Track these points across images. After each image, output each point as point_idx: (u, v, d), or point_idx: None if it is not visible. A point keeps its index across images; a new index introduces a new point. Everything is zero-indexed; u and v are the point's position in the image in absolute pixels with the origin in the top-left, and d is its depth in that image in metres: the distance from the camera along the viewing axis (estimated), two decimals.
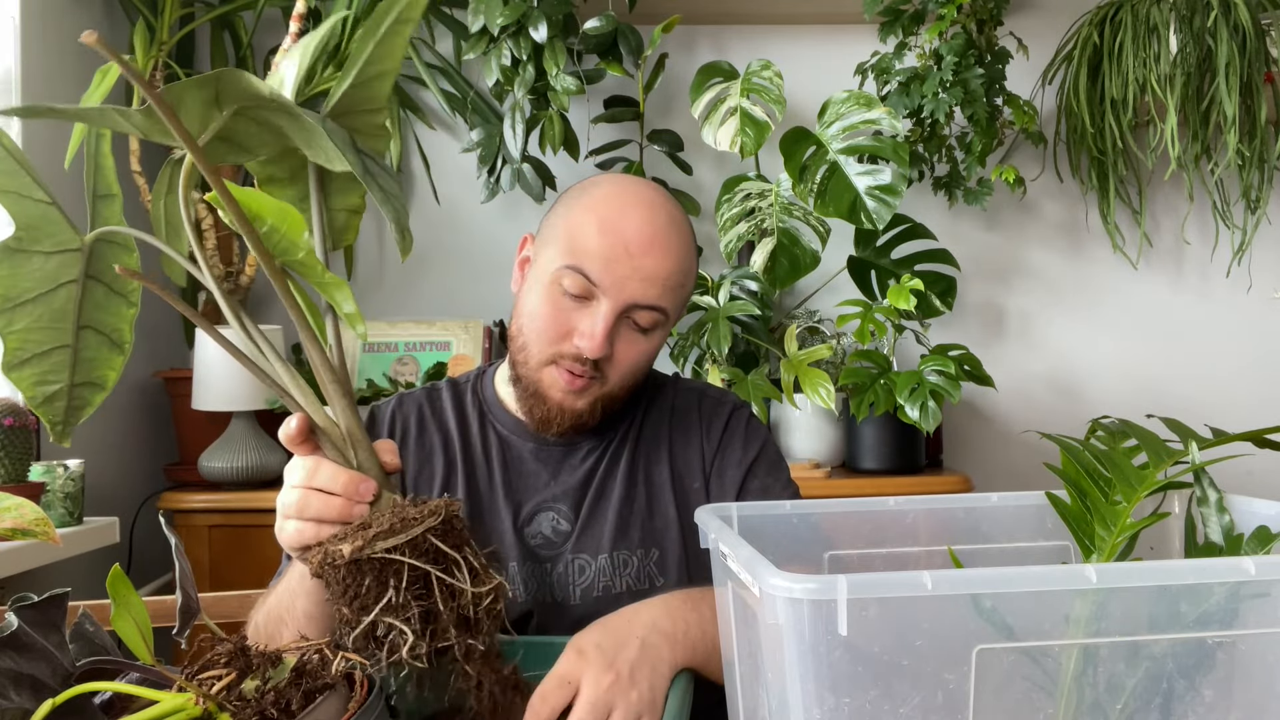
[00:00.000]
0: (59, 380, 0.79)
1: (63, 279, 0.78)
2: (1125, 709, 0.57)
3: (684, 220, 1.09)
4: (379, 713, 0.63)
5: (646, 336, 1.06)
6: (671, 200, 1.10)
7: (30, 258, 0.76)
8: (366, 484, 0.78)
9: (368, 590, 0.72)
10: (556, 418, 1.08)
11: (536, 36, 2.09)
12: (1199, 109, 2.18)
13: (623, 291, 1.02)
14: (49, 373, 0.79)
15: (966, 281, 2.44)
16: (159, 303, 2.33)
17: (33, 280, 0.77)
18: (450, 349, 2.31)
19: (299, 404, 0.79)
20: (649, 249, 1.02)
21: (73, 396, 0.81)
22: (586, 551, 1.11)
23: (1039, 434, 0.84)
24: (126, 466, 2.18)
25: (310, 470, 0.79)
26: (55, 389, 0.79)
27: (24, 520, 0.63)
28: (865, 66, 2.30)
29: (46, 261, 0.77)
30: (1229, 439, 0.74)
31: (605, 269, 1.01)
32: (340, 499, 0.77)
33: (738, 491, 1.14)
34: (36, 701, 0.55)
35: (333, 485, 0.78)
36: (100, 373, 0.82)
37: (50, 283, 0.77)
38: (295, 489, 0.79)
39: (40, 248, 0.76)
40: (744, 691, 0.71)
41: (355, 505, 0.77)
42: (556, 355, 1.05)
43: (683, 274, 1.06)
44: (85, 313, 0.80)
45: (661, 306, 1.04)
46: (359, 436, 0.81)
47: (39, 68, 1.88)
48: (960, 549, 0.79)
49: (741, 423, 1.19)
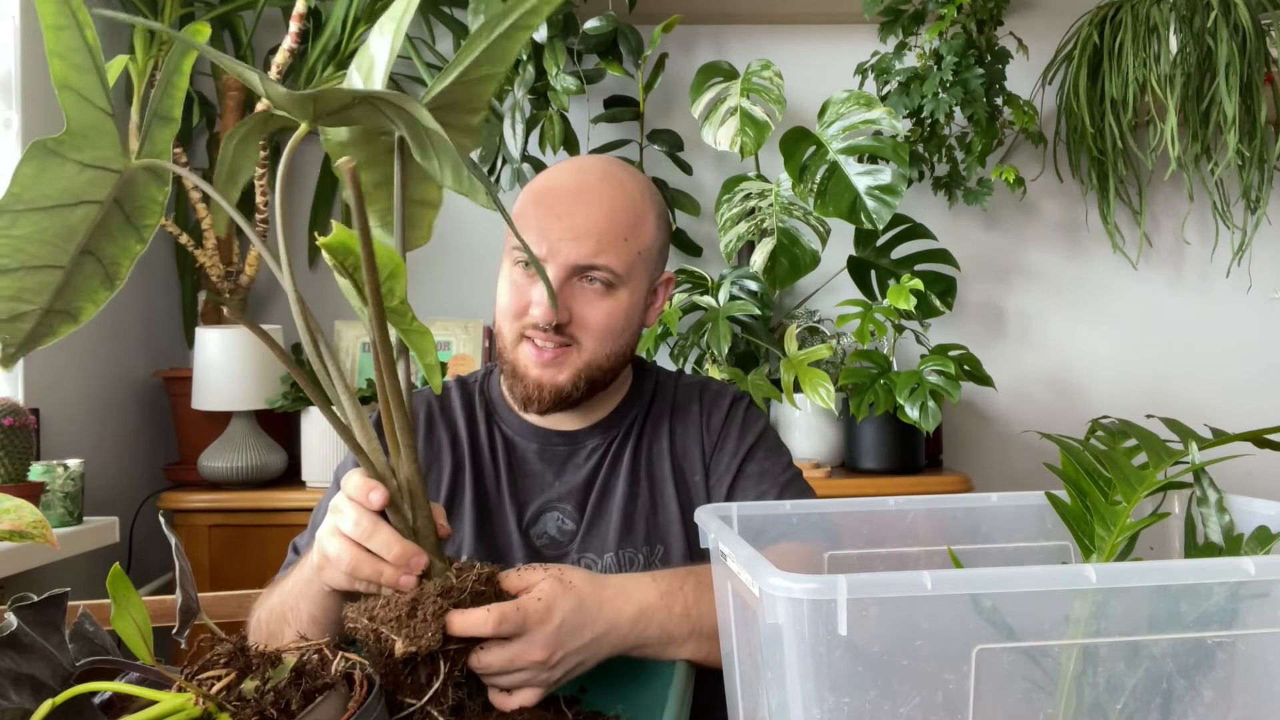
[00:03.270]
0: (35, 302, 0.72)
1: (87, 196, 0.71)
2: (1125, 709, 0.57)
3: (626, 179, 1.09)
4: (379, 713, 0.63)
5: (607, 295, 1.07)
6: (614, 163, 1.10)
7: (64, 164, 0.69)
8: (419, 559, 0.77)
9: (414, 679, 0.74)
10: (536, 393, 1.08)
11: (536, 36, 2.09)
12: (1199, 109, 2.18)
13: (559, 253, 1.04)
14: (27, 291, 0.71)
15: (966, 281, 2.44)
16: (159, 302, 2.34)
17: (55, 188, 0.69)
18: (450, 349, 2.31)
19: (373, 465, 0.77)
20: (576, 206, 1.04)
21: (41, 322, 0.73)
22: (592, 550, 1.11)
23: (1039, 434, 0.84)
24: (126, 466, 2.18)
25: (366, 530, 0.78)
26: (27, 309, 0.71)
27: (22, 522, 0.63)
28: (865, 66, 2.30)
29: (80, 173, 0.70)
30: (1229, 439, 0.74)
31: (541, 236, 1.04)
32: (391, 569, 0.77)
33: (734, 476, 1.14)
34: (36, 701, 0.55)
35: (386, 553, 0.77)
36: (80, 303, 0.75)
37: (73, 197, 0.70)
38: (346, 543, 0.78)
39: (80, 156, 0.70)
40: (744, 691, 0.71)
41: (404, 577, 0.77)
42: (522, 330, 1.07)
43: (623, 226, 1.06)
44: (93, 238, 0.73)
45: (605, 263, 1.04)
46: (420, 496, 0.79)
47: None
48: (960, 549, 0.79)
49: (740, 411, 1.19)
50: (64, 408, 1.95)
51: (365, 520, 0.78)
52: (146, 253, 0.80)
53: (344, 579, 0.80)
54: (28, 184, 0.68)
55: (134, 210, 0.74)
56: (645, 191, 1.10)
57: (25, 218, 0.69)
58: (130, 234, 0.75)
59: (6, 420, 1.58)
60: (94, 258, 0.74)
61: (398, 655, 0.72)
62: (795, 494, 1.12)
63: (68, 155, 0.69)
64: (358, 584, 0.79)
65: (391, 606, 0.75)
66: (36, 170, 0.68)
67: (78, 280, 0.73)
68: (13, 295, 0.71)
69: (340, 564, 0.79)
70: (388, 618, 0.74)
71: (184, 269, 2.36)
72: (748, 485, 1.13)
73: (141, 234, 0.76)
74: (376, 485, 0.78)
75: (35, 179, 0.68)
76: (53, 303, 0.72)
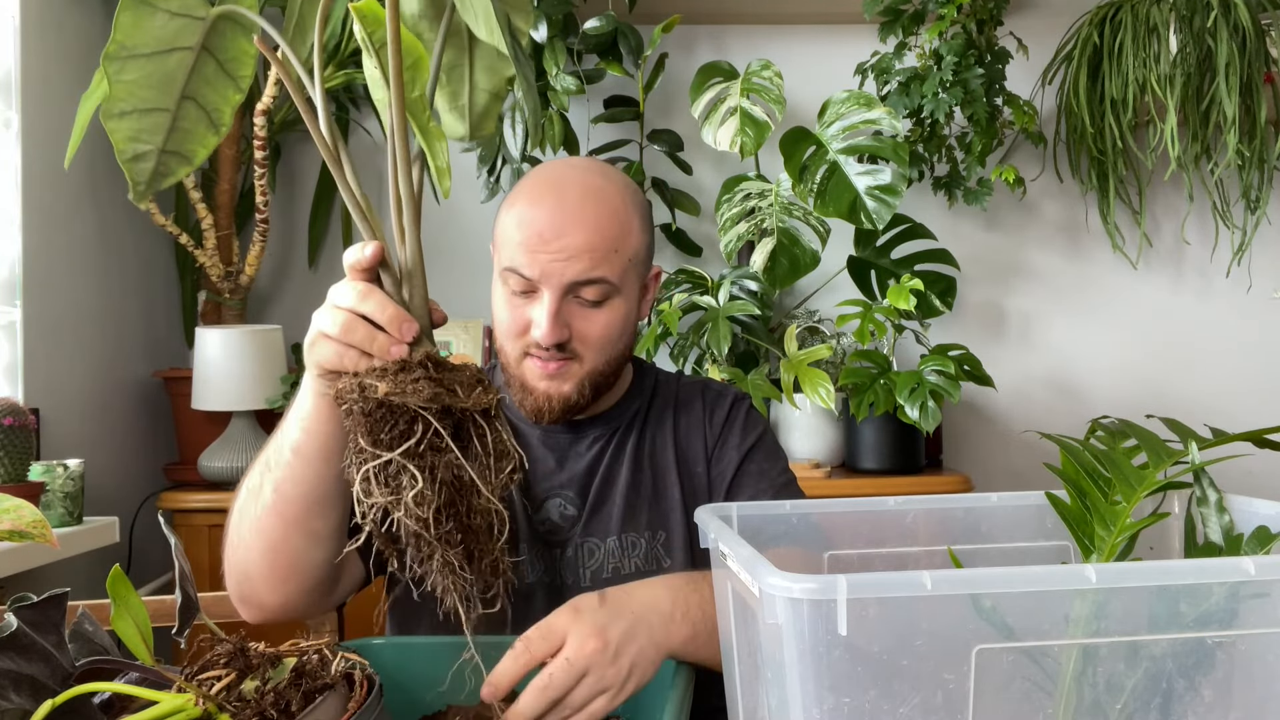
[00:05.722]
0: (151, 142, 0.79)
1: (179, 44, 0.77)
2: (1125, 709, 0.57)
3: (606, 187, 1.08)
4: (379, 713, 0.63)
5: (604, 308, 1.07)
6: (590, 171, 1.09)
7: (155, 13, 0.76)
8: (410, 324, 0.76)
9: (393, 429, 0.71)
10: (545, 404, 1.09)
11: (536, 36, 2.09)
12: (1199, 109, 2.18)
13: (553, 277, 1.03)
14: (144, 131, 0.79)
15: (966, 281, 2.44)
16: (159, 302, 2.34)
17: (151, 36, 0.76)
18: (450, 349, 2.31)
19: (372, 232, 0.77)
20: (563, 230, 1.03)
21: (160, 162, 0.80)
22: (595, 535, 1.13)
23: (1039, 434, 0.84)
24: (126, 466, 2.18)
25: (360, 295, 0.77)
26: (146, 149, 0.79)
27: (22, 522, 0.63)
28: (865, 66, 2.30)
29: (169, 21, 0.76)
30: (1229, 439, 0.74)
31: (531, 261, 1.03)
32: (384, 334, 0.76)
33: (734, 474, 1.16)
34: (36, 702, 0.55)
35: (379, 316, 0.76)
36: (191, 147, 0.82)
37: (167, 44, 0.77)
38: (341, 310, 0.78)
39: (167, 5, 0.76)
40: (744, 691, 0.71)
41: (395, 345, 0.76)
42: (524, 348, 1.08)
43: (611, 239, 1.05)
44: (192, 83, 0.79)
45: (599, 278, 1.04)
46: (419, 275, 0.79)
47: (39, 68, 1.88)
48: (960, 549, 0.79)
49: (741, 412, 1.21)
50: (64, 408, 1.95)
51: (359, 284, 0.78)
52: (146, 253, 0.81)
53: (334, 349, 0.78)
54: (129, 32, 0.75)
55: (227, 61, 0.81)
56: (625, 195, 1.09)
57: (131, 64, 0.76)
58: (226, 82, 0.82)
59: (6, 420, 1.58)
60: (195, 103, 0.81)
61: (378, 396, 0.70)
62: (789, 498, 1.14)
63: (156, 4, 0.76)
64: (348, 356, 0.77)
65: (381, 364, 0.74)
66: (132, 19, 0.75)
67: (184, 124, 0.81)
68: (133, 136, 0.79)
69: (332, 328, 0.77)
70: (373, 370, 0.74)
71: (184, 269, 2.36)
72: (746, 484, 1.16)
73: (239, 84, 0.82)
74: (373, 242, 0.77)
75: (134, 27, 0.75)
76: (166, 143, 0.81)
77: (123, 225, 2.15)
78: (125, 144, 0.79)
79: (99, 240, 2.08)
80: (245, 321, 2.26)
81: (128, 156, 0.79)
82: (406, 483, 0.70)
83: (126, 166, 0.79)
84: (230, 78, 0.82)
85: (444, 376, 0.73)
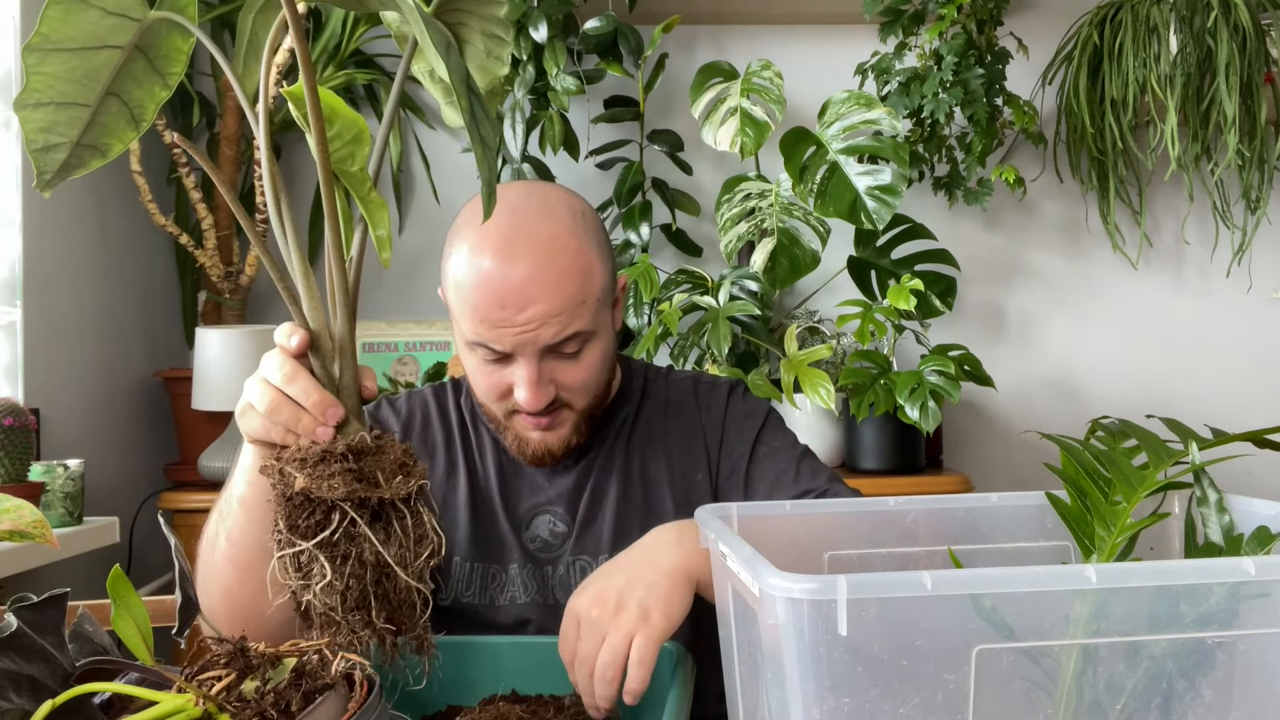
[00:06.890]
0: (66, 135, 0.77)
1: (110, 41, 0.75)
2: (1125, 709, 0.57)
3: (558, 231, 1.02)
4: (379, 713, 0.63)
5: (582, 354, 1.05)
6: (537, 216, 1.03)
7: (88, 9, 0.73)
8: (335, 409, 0.76)
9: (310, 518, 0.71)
10: (545, 452, 1.09)
11: (536, 36, 2.09)
12: (1199, 109, 2.18)
13: (527, 346, 1.01)
14: (60, 124, 0.77)
15: (966, 281, 2.44)
16: (159, 303, 2.34)
17: (81, 32, 0.74)
18: (450, 349, 2.31)
19: (304, 313, 0.78)
20: (525, 300, 0.99)
21: (73, 154, 0.78)
22: (587, 552, 1.11)
23: (1039, 434, 0.84)
24: (126, 466, 2.18)
25: (287, 377, 0.77)
26: (59, 142, 0.77)
27: (22, 522, 0.63)
28: (865, 66, 2.30)
29: (103, 19, 0.74)
30: (1229, 439, 0.74)
31: (499, 338, 1.01)
32: (309, 416, 0.76)
33: (749, 462, 1.13)
34: (36, 702, 0.55)
35: (304, 399, 0.76)
36: (108, 141, 0.80)
37: (97, 41, 0.75)
38: (268, 387, 0.78)
39: (102, 4, 0.74)
40: (744, 691, 0.71)
41: (320, 427, 0.76)
42: (510, 409, 1.07)
43: (578, 292, 1.01)
44: (118, 80, 0.77)
45: (573, 333, 1.02)
46: (349, 352, 0.79)
47: None
48: (960, 549, 0.79)
49: (737, 400, 1.19)
50: (64, 408, 1.95)
51: (287, 365, 0.78)
52: (146, 253, 0.81)
53: (261, 424, 0.79)
54: (55, 26, 0.73)
55: (158, 58, 0.79)
56: (577, 230, 1.03)
57: (55, 56, 0.75)
58: (154, 80, 0.80)
59: (6, 420, 1.58)
60: (118, 99, 0.79)
61: (296, 489, 0.71)
62: (810, 468, 1.13)
63: (91, 2, 0.74)
64: (275, 431, 0.78)
65: (302, 452, 0.74)
66: (63, 13, 0.73)
67: (104, 119, 0.79)
68: (45, 127, 0.77)
69: (259, 404, 0.78)
70: (294, 458, 0.74)
71: (184, 269, 2.36)
72: (764, 467, 1.13)
73: (167, 81, 0.80)
74: (299, 330, 0.77)
75: (62, 21, 0.73)
76: (82, 137, 0.78)
77: (123, 225, 2.15)
78: (36, 135, 0.76)
79: (99, 240, 2.08)
80: (245, 321, 2.26)
81: (38, 147, 0.77)
82: (316, 572, 0.71)
83: (34, 156, 0.77)
84: (159, 75, 0.80)
85: (365, 465, 0.73)
